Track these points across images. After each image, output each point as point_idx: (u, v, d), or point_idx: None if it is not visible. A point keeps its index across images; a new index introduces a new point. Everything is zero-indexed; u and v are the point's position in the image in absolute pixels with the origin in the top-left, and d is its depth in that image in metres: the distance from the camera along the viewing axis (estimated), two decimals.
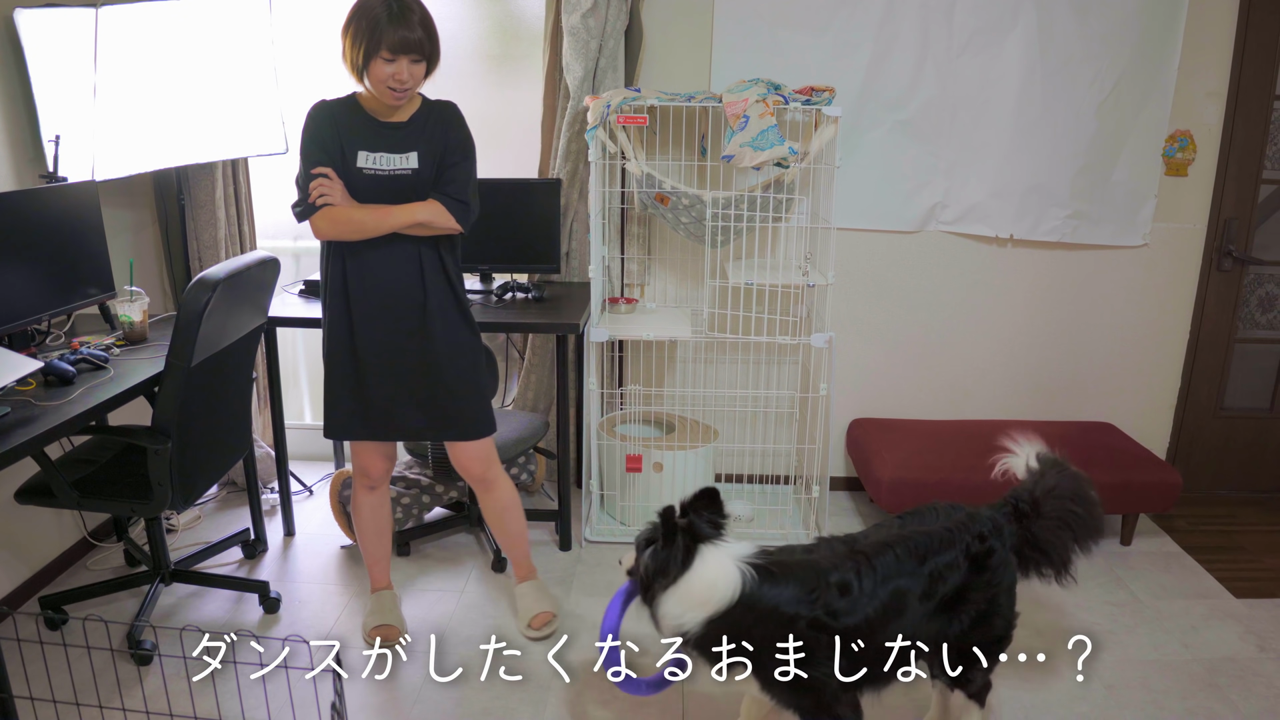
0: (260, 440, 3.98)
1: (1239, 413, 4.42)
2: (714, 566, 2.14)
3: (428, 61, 2.66)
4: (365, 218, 2.68)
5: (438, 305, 2.78)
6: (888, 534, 2.29)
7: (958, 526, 2.32)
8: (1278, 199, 4.29)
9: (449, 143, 2.73)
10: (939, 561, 2.24)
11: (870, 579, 2.16)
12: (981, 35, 3.82)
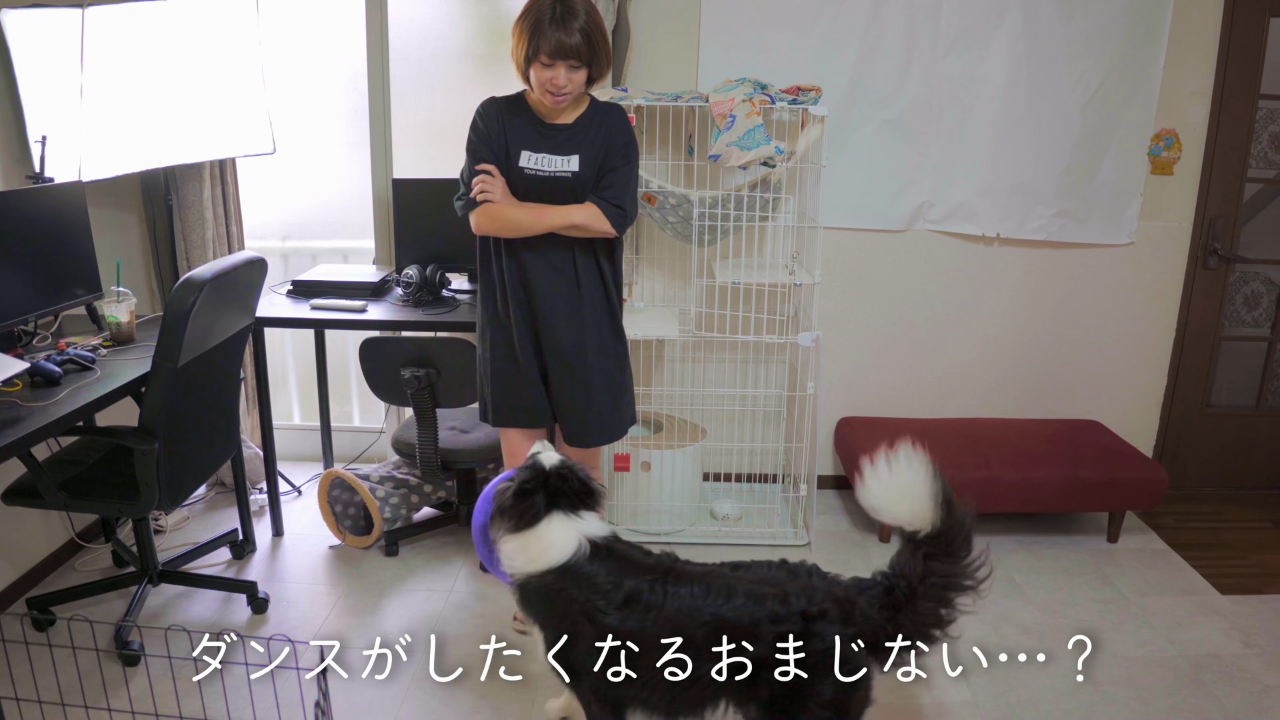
0: (248, 440, 3.98)
1: (1225, 410, 4.44)
2: (558, 531, 2.27)
3: (589, 68, 2.62)
4: (522, 216, 2.70)
5: (590, 309, 2.80)
6: (722, 570, 2.25)
7: (775, 594, 2.14)
8: (1263, 197, 4.32)
9: (611, 147, 2.71)
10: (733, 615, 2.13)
11: (659, 597, 2.16)
12: (967, 34, 3.83)
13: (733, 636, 2.08)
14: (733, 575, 2.21)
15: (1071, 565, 3.71)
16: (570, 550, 2.25)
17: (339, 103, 4.09)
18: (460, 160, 2.83)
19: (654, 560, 2.27)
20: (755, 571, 2.24)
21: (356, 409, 4.51)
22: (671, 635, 2.11)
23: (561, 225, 2.69)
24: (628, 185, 2.73)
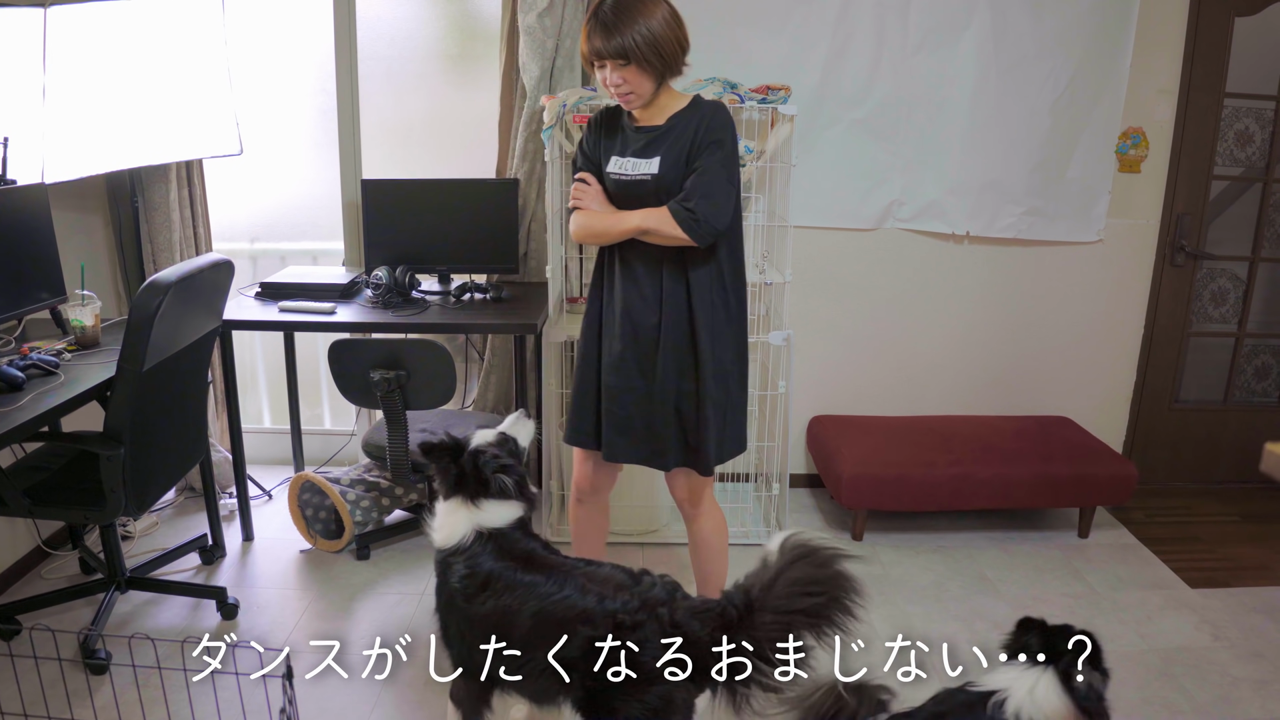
0: (217, 444, 3.94)
1: (1193, 406, 4.48)
2: (456, 514, 2.32)
3: (644, 64, 2.44)
4: (598, 222, 2.64)
5: (672, 324, 2.63)
6: (573, 564, 2.26)
7: (597, 594, 2.15)
8: (1229, 195, 4.36)
9: (697, 145, 2.52)
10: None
11: (506, 583, 2.20)
12: (936, 34, 3.85)
13: (554, 629, 2.12)
14: (580, 570, 2.23)
15: (1043, 561, 3.74)
16: (456, 537, 2.29)
17: (307, 103, 4.06)
18: (429, 159, 2.82)
19: (523, 550, 2.28)
20: (602, 570, 2.24)
21: (327, 412, 4.48)
22: (507, 624, 2.17)
23: (632, 230, 2.57)
24: (708, 187, 2.49)
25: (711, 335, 2.64)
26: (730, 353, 2.70)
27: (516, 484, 2.37)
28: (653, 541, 3.75)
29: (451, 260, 3.82)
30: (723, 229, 2.52)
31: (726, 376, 2.70)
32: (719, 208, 2.50)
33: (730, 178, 2.53)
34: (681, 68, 2.54)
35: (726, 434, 2.75)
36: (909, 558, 3.72)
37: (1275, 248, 4.36)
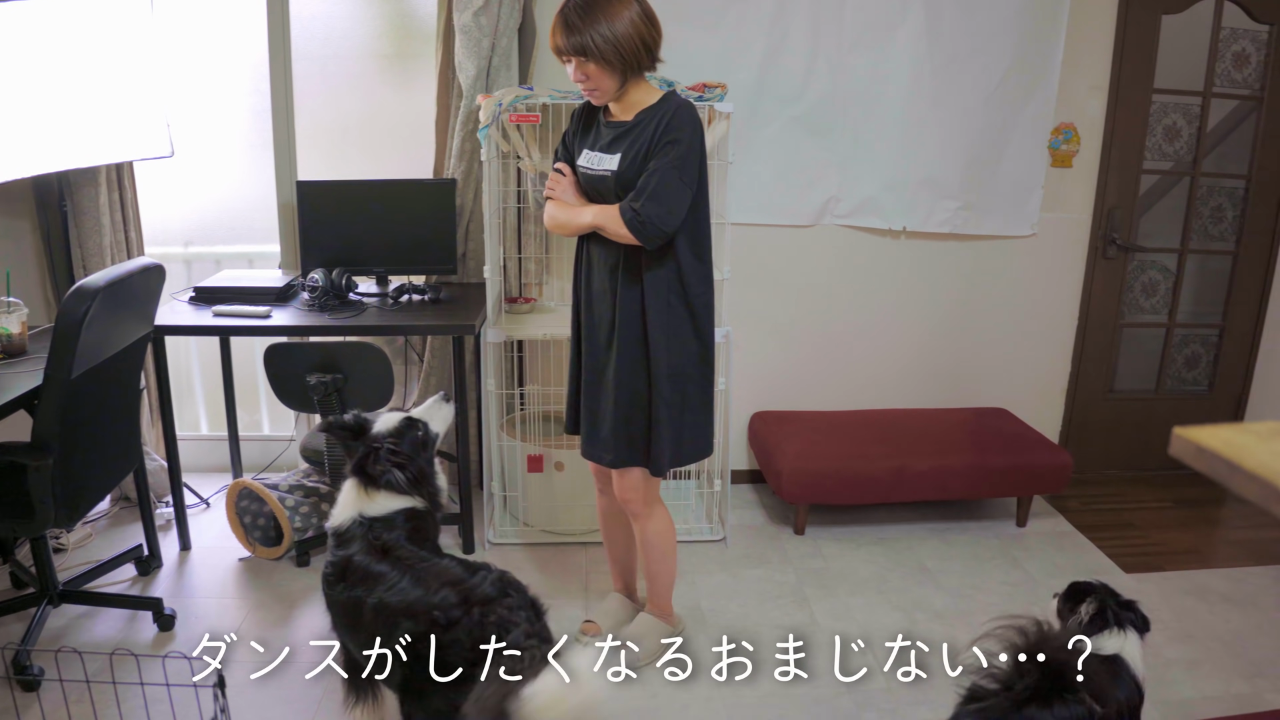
0: (152, 453, 3.88)
1: (1127, 395, 4.57)
2: (348, 496, 2.39)
3: (602, 61, 2.45)
4: (560, 214, 2.69)
5: (625, 322, 2.64)
6: (419, 556, 2.29)
7: (425, 586, 2.18)
8: (1158, 189, 4.45)
9: (655, 144, 2.52)
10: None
11: (362, 573, 2.24)
12: (871, 31, 3.88)
13: (387, 621, 2.14)
14: (423, 563, 2.25)
15: (982, 550, 3.79)
16: (339, 520, 2.36)
17: (240, 104, 4.00)
18: (365, 160, 2.80)
19: (386, 540, 2.30)
20: (440, 564, 2.25)
21: (266, 417, 4.42)
22: (355, 613, 2.21)
23: (586, 226, 2.62)
24: (657, 188, 2.47)
25: (666, 336, 2.63)
26: (689, 355, 2.69)
27: (409, 478, 2.38)
28: (595, 541, 3.74)
29: (389, 262, 3.78)
30: (670, 231, 2.49)
31: (683, 379, 2.69)
32: (667, 209, 2.47)
33: (684, 178, 2.49)
34: (647, 66, 2.53)
35: (685, 436, 2.75)
36: (850, 550, 3.75)
37: (1203, 240, 4.46)
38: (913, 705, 2.81)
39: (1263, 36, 4.20)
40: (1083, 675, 1.93)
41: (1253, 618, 3.35)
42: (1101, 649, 2.20)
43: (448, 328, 3.43)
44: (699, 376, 2.74)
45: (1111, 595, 2.35)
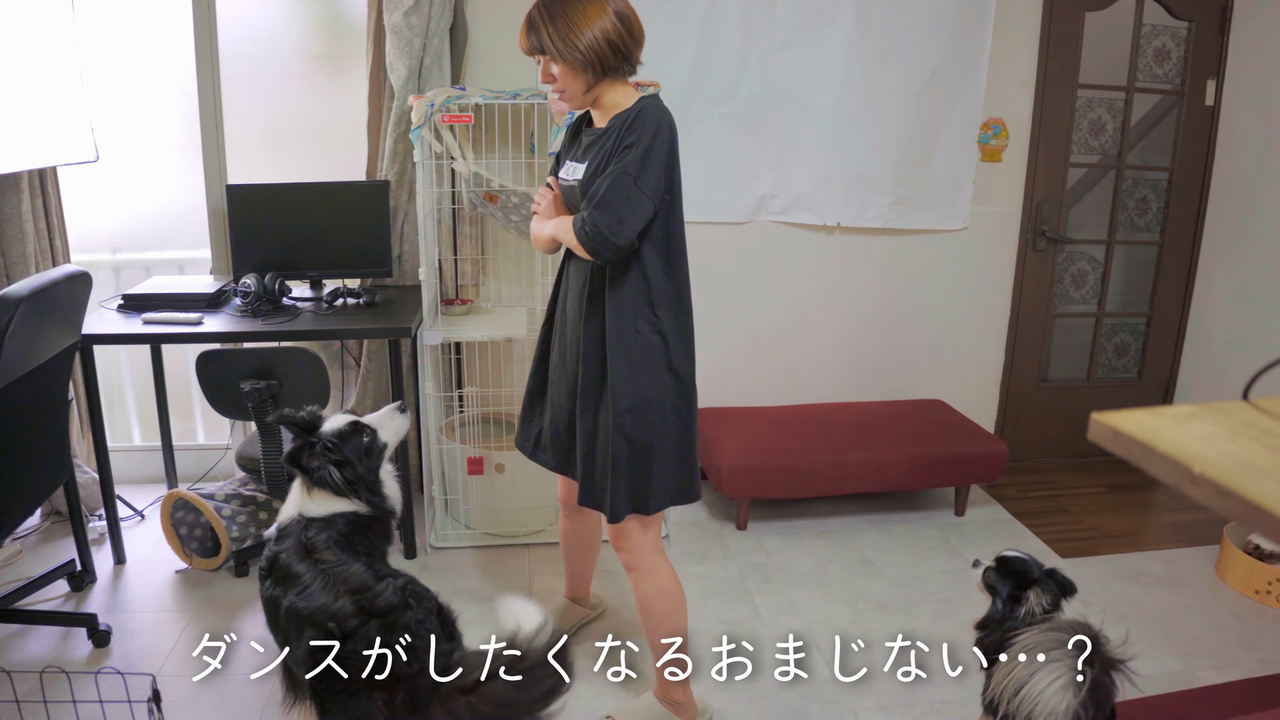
0: (84, 465, 3.79)
1: (1059, 384, 4.66)
2: (294, 494, 2.39)
3: (564, 62, 2.26)
4: (533, 228, 2.56)
5: (587, 349, 2.43)
6: (333, 562, 2.26)
7: (333, 590, 2.17)
8: (1086, 182, 4.55)
9: (616, 151, 2.29)
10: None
11: (283, 574, 2.24)
12: (803, 29, 3.91)
13: (296, 625, 2.14)
14: (335, 568, 2.22)
15: (921, 540, 3.84)
16: (283, 517, 2.36)
17: (168, 107, 3.92)
18: (297, 162, 2.75)
19: (311, 541, 2.28)
20: (350, 569, 2.22)
21: (200, 426, 4.34)
22: (275, 614, 2.21)
23: (549, 239, 2.47)
24: (606, 195, 2.23)
25: (629, 363, 2.38)
26: (657, 387, 2.41)
27: (345, 479, 2.36)
28: (539, 542, 3.74)
29: (323, 265, 3.74)
30: (622, 244, 2.24)
31: (649, 411, 2.40)
32: (618, 218, 2.22)
33: (642, 184, 2.22)
34: (618, 69, 2.31)
35: (655, 479, 2.45)
36: (792, 544, 3.78)
37: (1129, 231, 4.56)
38: (857, 695, 2.84)
39: (1182, 33, 4.31)
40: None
41: (1185, 597, 3.43)
42: None
43: (384, 331, 3.39)
44: (673, 413, 2.45)
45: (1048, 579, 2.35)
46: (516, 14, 3.73)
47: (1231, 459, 0.83)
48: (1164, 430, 0.92)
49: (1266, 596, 3.38)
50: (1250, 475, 0.78)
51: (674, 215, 2.37)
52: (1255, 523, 0.73)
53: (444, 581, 3.46)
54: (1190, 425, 0.94)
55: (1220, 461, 0.82)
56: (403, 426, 2.56)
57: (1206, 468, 0.81)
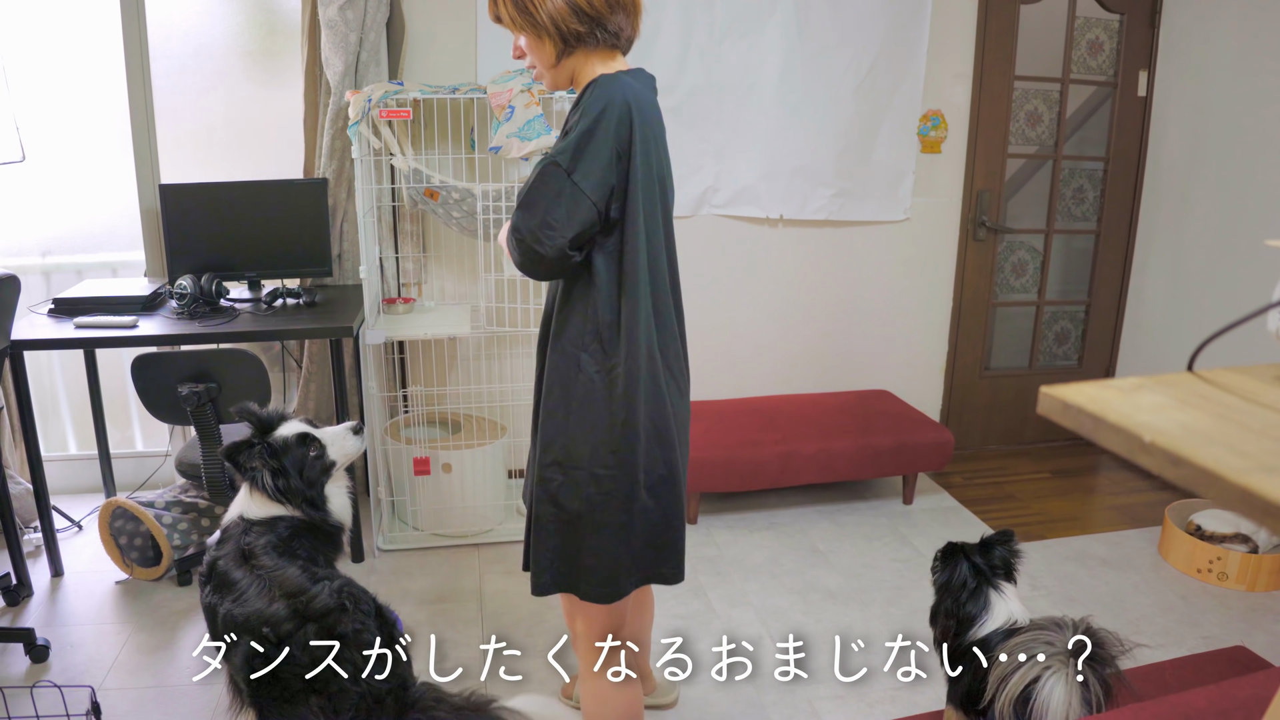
0: (16, 476, 3.68)
1: (1002, 372, 4.72)
2: (240, 495, 2.39)
3: (523, 30, 1.88)
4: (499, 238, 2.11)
5: (539, 380, 2.04)
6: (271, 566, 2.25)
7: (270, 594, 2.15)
8: (1024, 172, 4.61)
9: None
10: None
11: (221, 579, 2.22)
12: (742, 22, 3.92)
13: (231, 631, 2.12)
14: (270, 572, 2.20)
15: (871, 529, 3.86)
16: (228, 520, 2.35)
17: (97, 105, 3.82)
18: (233, 161, 2.67)
19: (249, 546, 2.26)
20: (287, 573, 2.20)
21: (138, 433, 4.24)
22: (213, 619, 2.19)
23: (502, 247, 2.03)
24: (530, 192, 1.83)
25: (566, 406, 1.93)
26: (595, 443, 1.92)
27: (278, 487, 2.33)
28: (488, 541, 3.70)
29: (261, 265, 3.67)
30: (549, 254, 1.81)
31: (578, 472, 1.93)
32: (539, 220, 1.80)
33: (579, 179, 1.78)
34: (588, 37, 1.86)
35: (587, 557, 1.98)
36: (743, 537, 3.78)
37: (1067, 220, 4.63)
38: (811, 686, 2.84)
39: (1114, 25, 4.38)
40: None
41: (1129, 578, 3.49)
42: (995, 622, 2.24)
43: (325, 331, 3.33)
44: (609, 480, 1.93)
45: (973, 551, 2.38)
46: (455, 9, 3.73)
47: (1180, 427, 0.83)
48: (1113, 401, 0.92)
49: (1208, 575, 3.45)
50: (1199, 442, 0.78)
51: (632, 225, 1.86)
52: (1206, 488, 0.74)
53: (392, 584, 3.41)
54: (1139, 396, 0.94)
55: (1170, 430, 0.82)
56: (354, 449, 2.52)
57: (1157, 436, 0.81)
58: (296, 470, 2.37)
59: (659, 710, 2.73)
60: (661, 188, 1.95)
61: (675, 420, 2.00)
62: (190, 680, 2.86)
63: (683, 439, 2.06)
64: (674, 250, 2.04)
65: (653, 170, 1.89)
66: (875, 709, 2.74)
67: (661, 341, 1.95)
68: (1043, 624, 2.13)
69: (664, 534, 2.01)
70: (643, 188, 1.84)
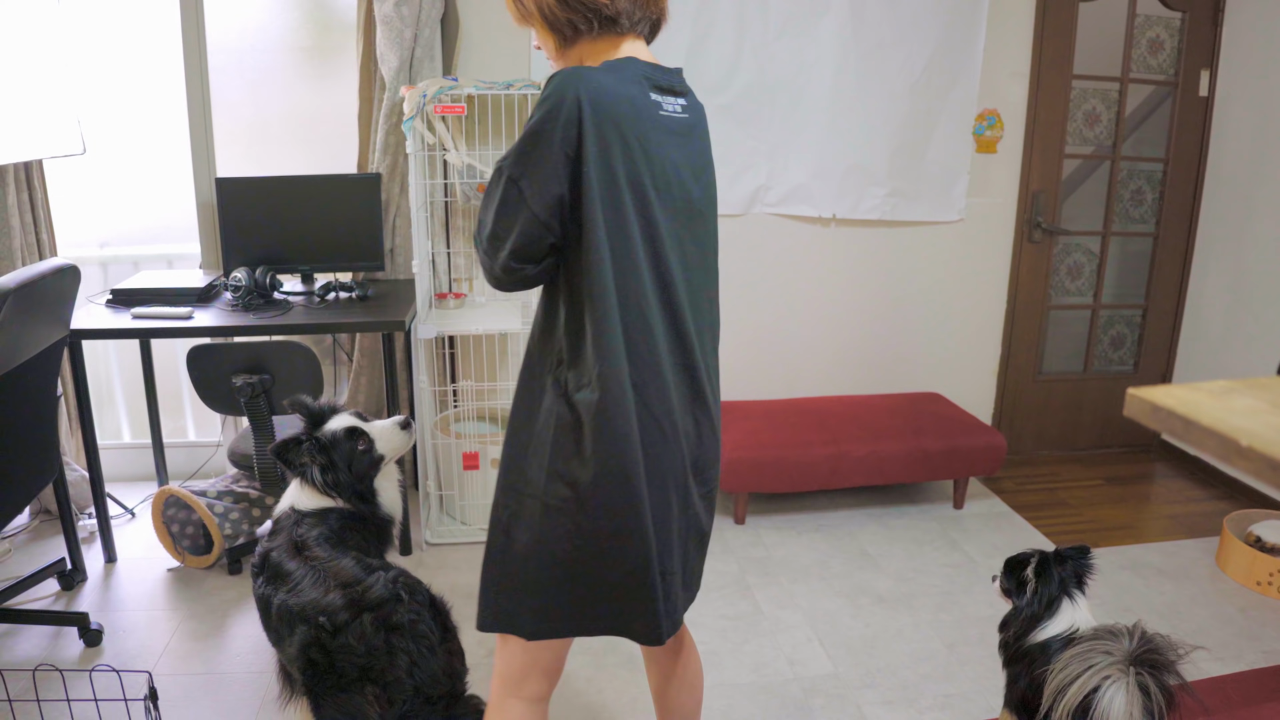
0: (73, 463, 3.74)
1: (1055, 376, 4.64)
2: (292, 486, 2.42)
3: (526, 20, 1.78)
4: None
5: (519, 392, 1.81)
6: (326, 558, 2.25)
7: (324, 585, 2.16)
8: (1081, 173, 4.53)
9: None
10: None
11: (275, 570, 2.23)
12: (796, 20, 3.89)
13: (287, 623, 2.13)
14: (326, 563, 2.21)
15: (921, 533, 3.82)
16: (279, 511, 2.38)
17: (156, 99, 3.87)
18: (287, 155, 2.69)
19: (302, 538, 2.27)
20: (341, 563, 2.21)
21: (191, 422, 4.29)
22: (266, 611, 2.21)
23: None
24: (485, 196, 1.70)
25: (529, 431, 1.75)
26: (548, 473, 1.71)
27: (326, 481, 2.36)
28: None
29: (314, 259, 3.69)
30: (494, 266, 1.68)
31: (531, 501, 1.73)
32: (489, 232, 1.67)
33: (525, 185, 1.60)
34: (587, 25, 1.71)
35: (502, 593, 1.79)
36: (791, 538, 3.75)
37: (1125, 222, 4.55)
38: (861, 690, 2.81)
39: (1175, 23, 4.30)
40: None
41: (1186, 589, 3.42)
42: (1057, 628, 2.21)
43: (377, 324, 3.35)
44: (560, 514, 1.71)
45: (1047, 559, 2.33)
46: None
47: (1276, 431, 0.81)
48: (1204, 404, 0.90)
49: (1268, 588, 3.37)
50: None
51: (590, 240, 1.61)
52: None
53: (439, 578, 3.42)
54: (1230, 399, 0.91)
55: (1266, 434, 0.80)
56: (402, 444, 2.52)
57: (1254, 440, 0.78)
58: (345, 465, 2.39)
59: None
60: (639, 195, 1.64)
61: (652, 465, 1.70)
62: (240, 668, 2.90)
63: (664, 486, 1.73)
64: (677, 269, 1.72)
65: (620, 176, 1.60)
66: (925, 715, 2.70)
67: (638, 376, 1.66)
68: (1099, 632, 2.09)
69: (630, 586, 1.74)
70: (604, 196, 1.59)
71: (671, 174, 1.70)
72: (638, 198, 1.64)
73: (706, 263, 1.83)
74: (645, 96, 1.67)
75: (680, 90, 1.80)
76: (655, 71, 1.73)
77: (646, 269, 1.66)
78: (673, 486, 1.75)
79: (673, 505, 1.75)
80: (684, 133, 1.76)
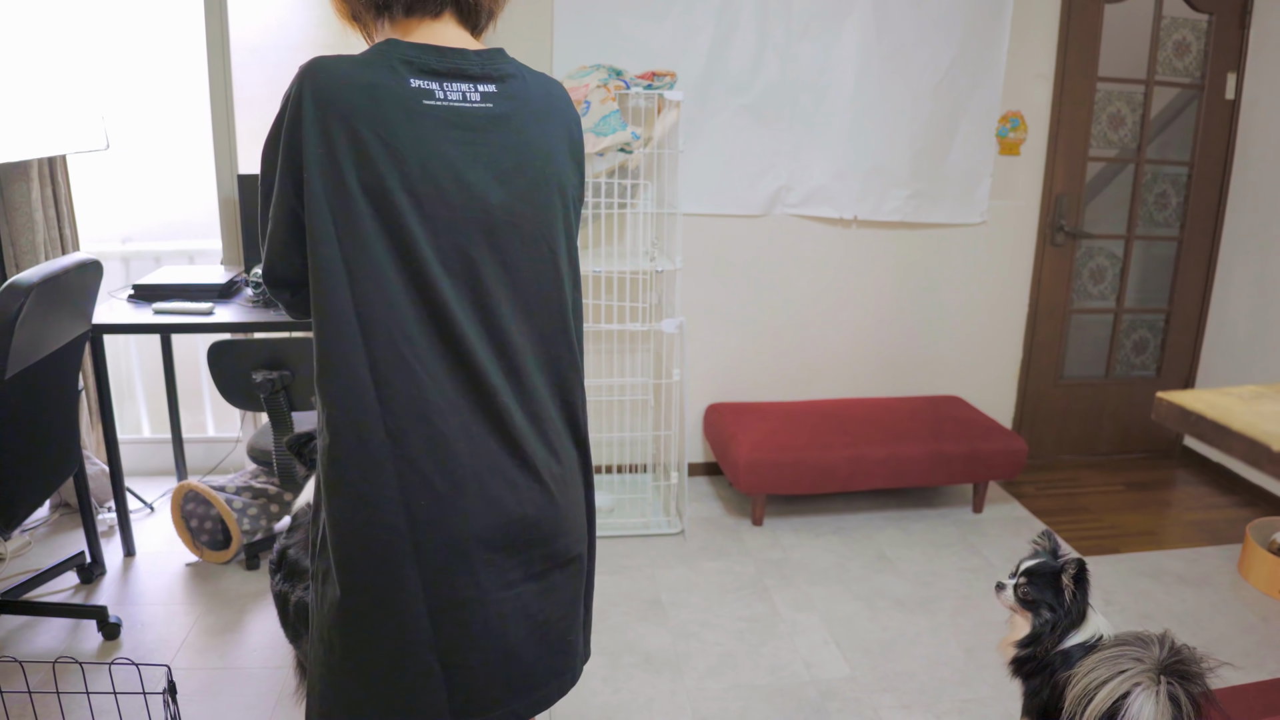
0: (93, 457, 3.76)
1: (1077, 381, 4.61)
2: (309, 484, 2.31)
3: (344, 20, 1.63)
4: None
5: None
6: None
7: None
8: (1104, 176, 4.50)
9: None
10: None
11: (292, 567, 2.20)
12: (819, 20, 3.87)
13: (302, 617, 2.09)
14: None
15: (939, 537, 3.80)
16: (298, 506, 2.33)
17: (178, 95, 3.89)
18: None
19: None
20: None
21: (210, 418, 4.31)
22: (284, 608, 2.16)
23: None
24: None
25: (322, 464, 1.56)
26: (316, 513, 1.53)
27: None
28: None
29: None
30: (267, 272, 1.46)
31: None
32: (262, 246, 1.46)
33: (265, 192, 1.42)
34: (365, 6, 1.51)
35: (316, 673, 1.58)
36: (809, 540, 3.74)
37: (1148, 226, 4.51)
38: (878, 694, 2.80)
39: (1202, 25, 4.26)
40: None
41: (1207, 597, 3.38)
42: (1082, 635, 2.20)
43: None
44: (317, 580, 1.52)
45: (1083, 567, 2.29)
46: (532, 4, 3.73)
47: None
48: (1235, 409, 0.89)
49: None
50: None
51: (318, 257, 1.35)
52: None
53: None
54: (1260, 404, 0.90)
55: None
56: None
57: None
58: None
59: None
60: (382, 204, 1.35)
61: (423, 531, 1.40)
62: (257, 663, 2.90)
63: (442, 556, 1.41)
64: (459, 295, 1.40)
65: (350, 181, 1.33)
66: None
67: (395, 424, 1.37)
68: (1127, 639, 2.06)
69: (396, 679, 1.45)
70: (334, 207, 1.34)
71: (443, 176, 1.37)
72: (380, 207, 1.34)
73: (526, 287, 1.45)
74: (400, 83, 1.36)
75: (479, 75, 1.42)
76: (425, 53, 1.39)
77: (402, 294, 1.36)
78: (456, 559, 1.41)
79: (457, 581, 1.42)
80: (480, 126, 1.40)
